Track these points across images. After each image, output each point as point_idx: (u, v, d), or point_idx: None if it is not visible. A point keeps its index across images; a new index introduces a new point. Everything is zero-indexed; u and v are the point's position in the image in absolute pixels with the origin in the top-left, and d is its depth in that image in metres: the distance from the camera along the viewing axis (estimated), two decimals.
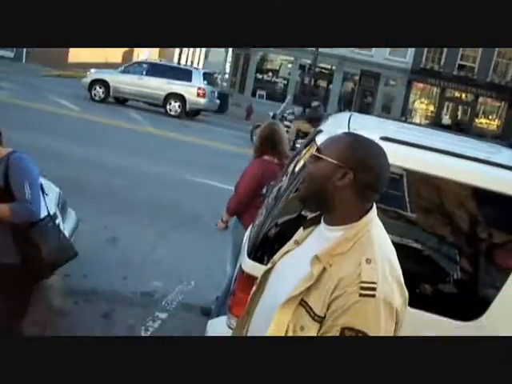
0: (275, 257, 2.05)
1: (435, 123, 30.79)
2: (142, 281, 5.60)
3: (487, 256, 2.99)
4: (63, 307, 4.81)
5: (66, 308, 4.80)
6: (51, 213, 4.61)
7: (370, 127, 3.77)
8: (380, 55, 31.89)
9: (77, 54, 33.92)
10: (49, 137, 11.28)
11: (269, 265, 2.05)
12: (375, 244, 1.75)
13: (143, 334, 4.57)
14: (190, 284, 5.71)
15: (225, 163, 6.02)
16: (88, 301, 4.98)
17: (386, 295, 1.66)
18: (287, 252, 1.99)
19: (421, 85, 34.57)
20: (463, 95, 34.55)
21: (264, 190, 4.53)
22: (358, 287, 1.65)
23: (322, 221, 1.88)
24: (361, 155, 1.77)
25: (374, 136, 3.20)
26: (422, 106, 35.89)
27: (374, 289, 1.65)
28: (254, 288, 2.09)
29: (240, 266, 3.13)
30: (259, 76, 34.62)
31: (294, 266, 1.88)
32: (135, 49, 47.42)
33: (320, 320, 1.70)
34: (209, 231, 7.32)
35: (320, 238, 1.86)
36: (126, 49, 45.46)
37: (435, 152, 3.05)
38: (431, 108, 35.48)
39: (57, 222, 4.65)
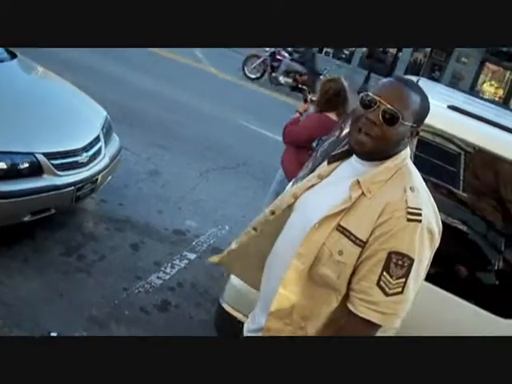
0: (297, 191, 2.00)
1: None
2: (176, 218, 5.52)
3: None
4: (94, 231, 4.78)
5: (96, 233, 4.76)
6: (95, 135, 4.58)
7: (438, 94, 3.52)
8: None
9: None
10: (112, 62, 11.23)
11: (291, 199, 2.00)
12: (414, 175, 1.82)
13: (168, 271, 4.51)
14: (225, 228, 5.60)
15: (281, 115, 5.82)
16: (119, 229, 4.93)
17: (429, 222, 1.73)
18: (310, 187, 1.97)
19: (494, 67, 33.13)
20: None
21: (314, 144, 4.33)
22: (406, 212, 1.69)
23: (355, 156, 1.87)
24: (427, 111, 1.82)
25: (442, 104, 3.00)
26: (490, 89, 34.47)
27: (419, 214, 1.70)
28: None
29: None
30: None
31: (323, 194, 1.89)
32: None
33: (362, 244, 1.72)
34: (251, 179, 7.21)
35: (352, 170, 1.86)
36: None
37: (504, 130, 2.81)
38: (500, 92, 34.06)
39: (99, 145, 4.61)
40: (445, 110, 2.87)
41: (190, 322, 4.01)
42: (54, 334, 2.83)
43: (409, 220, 1.68)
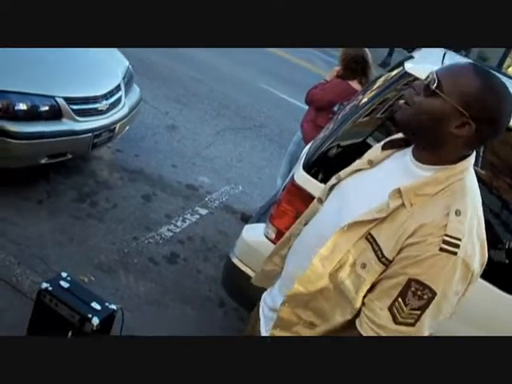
0: (342, 173, 1.83)
1: None
2: (190, 173, 5.53)
3: None
4: (107, 180, 4.81)
5: (109, 181, 4.79)
6: (116, 84, 4.58)
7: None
8: None
9: None
10: None
11: (333, 180, 1.85)
12: (468, 194, 1.55)
13: (179, 224, 4.55)
14: (238, 188, 5.61)
15: (305, 82, 5.77)
16: (133, 180, 4.96)
17: (467, 255, 1.49)
18: (357, 171, 1.78)
19: None
20: None
21: (336, 108, 4.30)
22: (441, 240, 1.46)
23: (411, 152, 1.64)
24: (491, 107, 1.48)
25: None
26: None
27: (457, 246, 1.46)
28: (309, 208, 1.93)
29: (292, 177, 2.98)
30: None
31: (365, 189, 1.70)
32: None
33: (387, 263, 1.54)
34: (268, 142, 7.19)
35: (404, 169, 1.64)
36: None
37: None
38: None
39: (119, 94, 4.61)
40: None
41: (197, 276, 4.05)
42: (64, 275, 2.86)
43: (442, 250, 1.46)
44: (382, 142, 1.79)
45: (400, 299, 1.51)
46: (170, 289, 3.82)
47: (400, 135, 1.75)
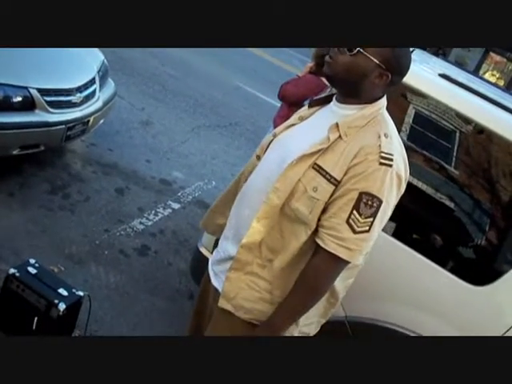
0: (277, 130, 2.11)
1: None
2: (164, 169, 5.56)
3: None
4: (81, 173, 4.82)
5: (82, 174, 4.81)
6: (90, 77, 4.59)
7: (432, 64, 3.56)
8: None
9: None
10: None
11: (269, 137, 2.11)
12: (389, 124, 1.92)
13: (151, 218, 4.58)
14: (211, 183, 5.65)
15: (280, 80, 5.81)
16: (106, 173, 4.98)
17: (399, 169, 1.85)
18: (290, 126, 2.07)
19: (498, 57, 32.90)
20: None
21: (306, 103, 4.35)
22: (379, 156, 1.79)
23: (335, 100, 1.98)
24: (401, 60, 1.87)
25: (433, 72, 3.05)
26: (491, 79, 34.33)
27: (391, 160, 1.81)
28: (249, 165, 2.17)
29: None
30: None
31: (301, 134, 1.99)
32: None
33: (336, 183, 1.82)
34: (242, 139, 7.23)
35: (331, 113, 1.96)
36: None
37: (498, 106, 2.85)
38: (501, 83, 33.91)
39: (93, 87, 4.62)
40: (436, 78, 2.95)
41: (167, 269, 4.09)
42: (32, 261, 2.88)
43: (381, 164, 1.79)
44: (308, 101, 2.13)
45: (355, 211, 1.80)
46: (140, 280, 3.86)
47: (323, 94, 2.09)
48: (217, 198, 2.39)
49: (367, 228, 1.81)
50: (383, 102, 1.95)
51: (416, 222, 2.99)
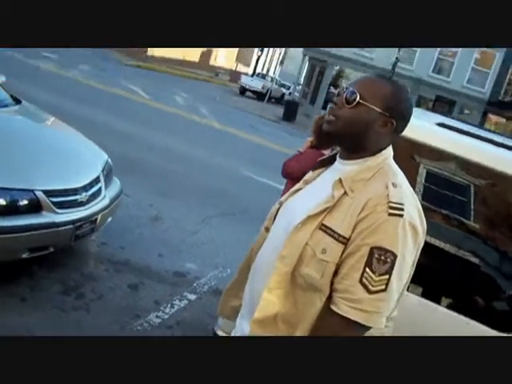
0: (283, 198, 2.03)
1: None
2: (177, 261, 5.49)
3: None
4: (93, 272, 4.75)
5: (94, 273, 4.74)
6: (95, 175, 4.62)
7: (431, 118, 3.57)
8: (458, 82, 31.08)
9: (156, 49, 35.78)
10: (118, 118, 11.42)
11: (276, 206, 2.02)
12: (397, 172, 1.81)
13: (167, 311, 4.46)
14: (226, 271, 5.55)
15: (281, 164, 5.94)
16: (118, 271, 4.90)
17: (412, 218, 1.70)
18: (296, 191, 1.99)
19: (496, 118, 33.43)
20: None
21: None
22: (387, 207, 1.66)
23: (338, 157, 1.89)
24: (403, 105, 1.80)
25: (431, 121, 3.07)
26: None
27: (401, 209, 1.66)
28: (259, 239, 2.06)
29: None
30: (332, 90, 34.24)
31: (307, 198, 1.87)
32: (213, 49, 48.31)
33: (345, 241, 1.69)
34: (253, 226, 7.16)
35: (336, 171, 1.85)
36: (204, 49, 46.35)
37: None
38: None
39: (99, 185, 4.64)
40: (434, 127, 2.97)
41: None
42: None
43: (390, 214, 1.65)
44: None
45: (367, 269, 1.64)
46: None
47: (326, 156, 2.01)
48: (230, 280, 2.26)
49: (383, 287, 1.63)
50: (388, 151, 1.84)
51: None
